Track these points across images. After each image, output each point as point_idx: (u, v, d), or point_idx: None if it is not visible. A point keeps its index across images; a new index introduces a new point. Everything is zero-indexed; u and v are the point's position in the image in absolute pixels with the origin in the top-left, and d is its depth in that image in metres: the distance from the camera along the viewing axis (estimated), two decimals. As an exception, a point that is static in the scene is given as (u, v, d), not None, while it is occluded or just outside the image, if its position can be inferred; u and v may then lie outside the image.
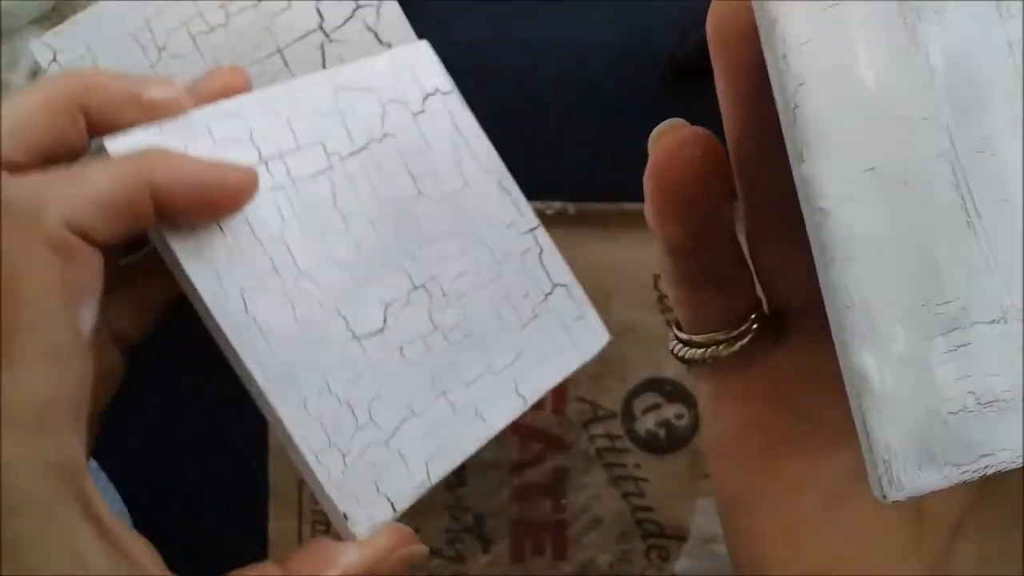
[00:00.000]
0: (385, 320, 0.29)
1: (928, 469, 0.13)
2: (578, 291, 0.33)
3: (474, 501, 0.39)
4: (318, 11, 0.36)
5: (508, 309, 0.31)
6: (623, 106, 0.38)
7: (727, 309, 0.19)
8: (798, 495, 0.19)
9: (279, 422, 0.26)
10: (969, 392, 0.13)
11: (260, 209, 0.27)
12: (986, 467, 0.13)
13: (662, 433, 0.39)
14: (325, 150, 0.29)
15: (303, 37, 0.35)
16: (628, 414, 0.39)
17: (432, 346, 0.29)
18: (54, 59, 0.35)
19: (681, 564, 0.40)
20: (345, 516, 0.26)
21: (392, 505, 0.27)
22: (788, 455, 0.19)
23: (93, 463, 0.38)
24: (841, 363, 0.14)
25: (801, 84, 0.13)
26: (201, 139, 0.27)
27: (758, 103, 0.16)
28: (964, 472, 0.13)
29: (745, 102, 0.16)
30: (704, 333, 0.19)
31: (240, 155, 0.27)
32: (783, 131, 0.14)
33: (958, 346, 0.13)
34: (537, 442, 0.39)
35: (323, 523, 0.39)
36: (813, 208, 0.14)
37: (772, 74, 0.14)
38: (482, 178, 0.32)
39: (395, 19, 0.36)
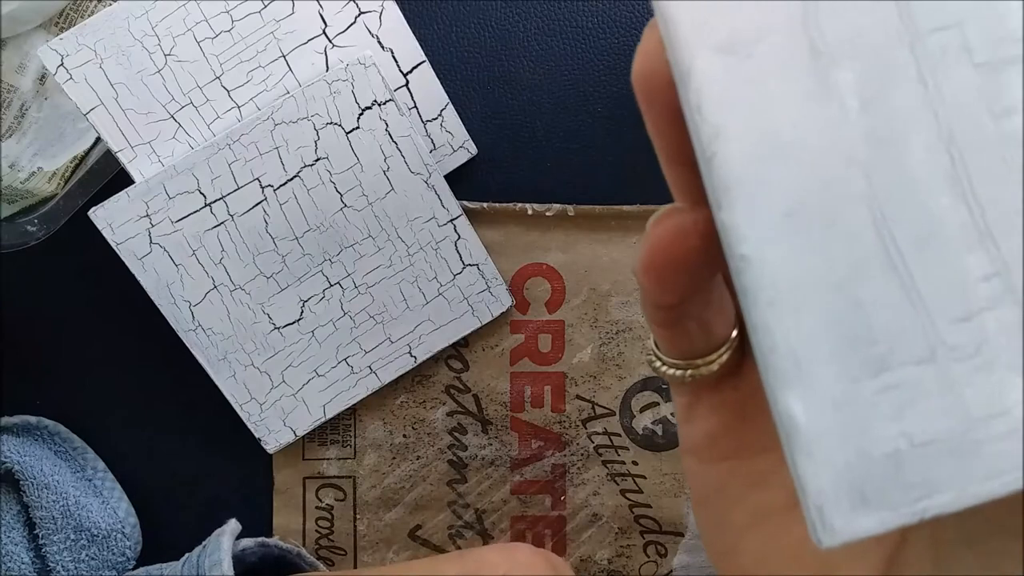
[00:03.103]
0: (302, 314, 0.37)
1: (862, 512, 0.13)
2: (489, 268, 0.38)
3: (475, 497, 0.40)
4: (321, 17, 0.36)
5: (414, 291, 0.37)
6: (621, 111, 0.39)
7: (706, 341, 0.19)
8: (764, 489, 0.20)
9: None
10: (902, 433, 0.13)
11: (205, 244, 0.35)
12: (924, 510, 0.13)
13: (659, 431, 0.40)
14: (260, 185, 0.36)
15: (307, 42, 0.36)
16: (626, 412, 0.40)
17: (340, 327, 0.37)
18: (61, 63, 0.35)
19: (679, 559, 0.40)
20: (260, 440, 0.38)
21: (294, 432, 0.38)
22: (755, 456, 0.20)
23: (101, 464, 0.38)
24: (771, 406, 0.14)
25: (716, 134, 0.13)
26: (158, 196, 0.35)
27: (687, 147, 0.16)
28: (901, 515, 0.13)
29: (675, 146, 0.16)
30: (683, 360, 0.20)
31: (189, 204, 0.35)
32: (703, 179, 0.14)
33: (888, 387, 0.13)
34: (537, 439, 0.40)
35: (326, 519, 0.39)
36: (733, 254, 0.13)
37: (689, 124, 0.14)
38: (408, 181, 0.37)
39: (397, 24, 0.37)
